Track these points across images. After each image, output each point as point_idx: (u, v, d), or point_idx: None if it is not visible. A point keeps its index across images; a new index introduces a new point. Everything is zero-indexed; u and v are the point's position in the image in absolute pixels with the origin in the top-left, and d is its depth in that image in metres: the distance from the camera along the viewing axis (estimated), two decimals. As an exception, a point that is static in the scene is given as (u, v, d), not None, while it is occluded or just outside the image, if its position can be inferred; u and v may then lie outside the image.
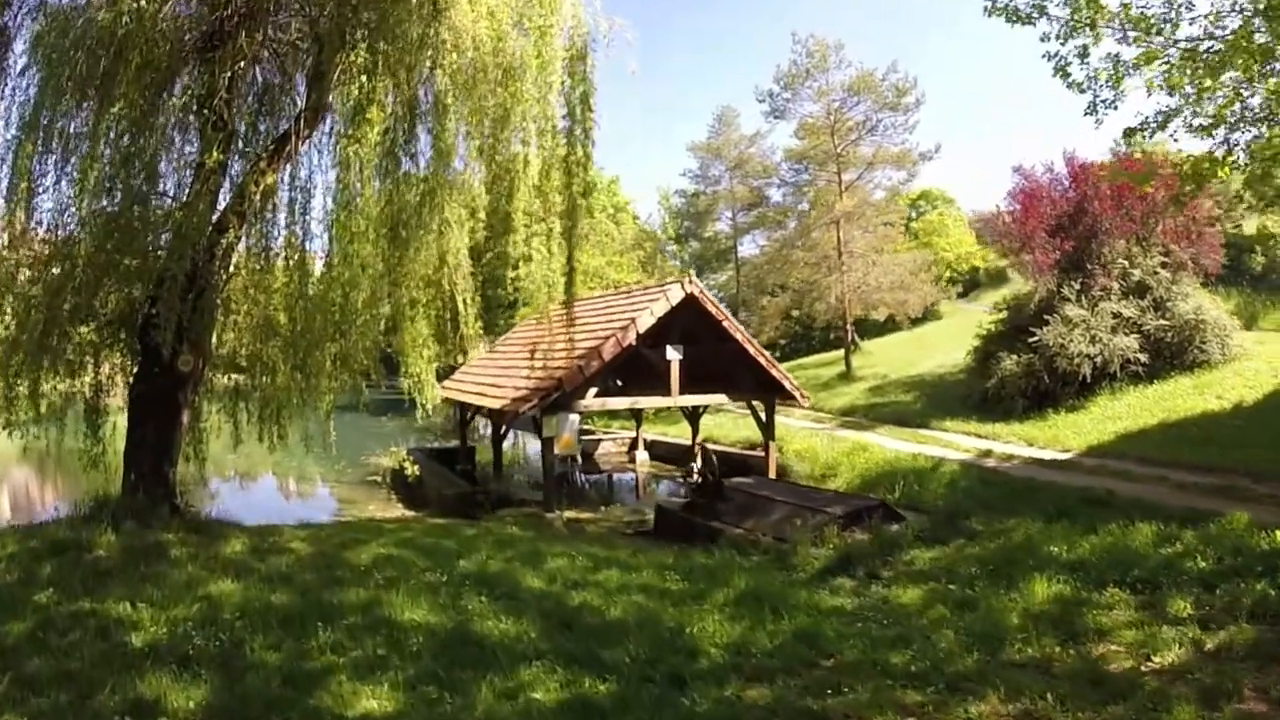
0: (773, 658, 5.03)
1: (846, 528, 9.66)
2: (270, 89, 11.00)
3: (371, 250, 9.58)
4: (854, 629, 5.72)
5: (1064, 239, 20.68)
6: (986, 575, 7.04)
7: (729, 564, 8.23)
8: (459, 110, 9.24)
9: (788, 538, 9.44)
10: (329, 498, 16.07)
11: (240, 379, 11.87)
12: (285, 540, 8.74)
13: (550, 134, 9.64)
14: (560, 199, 9.80)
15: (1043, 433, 16.67)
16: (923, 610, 6.29)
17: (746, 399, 15.12)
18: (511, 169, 9.42)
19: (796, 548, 8.96)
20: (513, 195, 9.37)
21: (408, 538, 9.15)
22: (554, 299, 10.41)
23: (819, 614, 6.09)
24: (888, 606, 6.58)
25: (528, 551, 8.53)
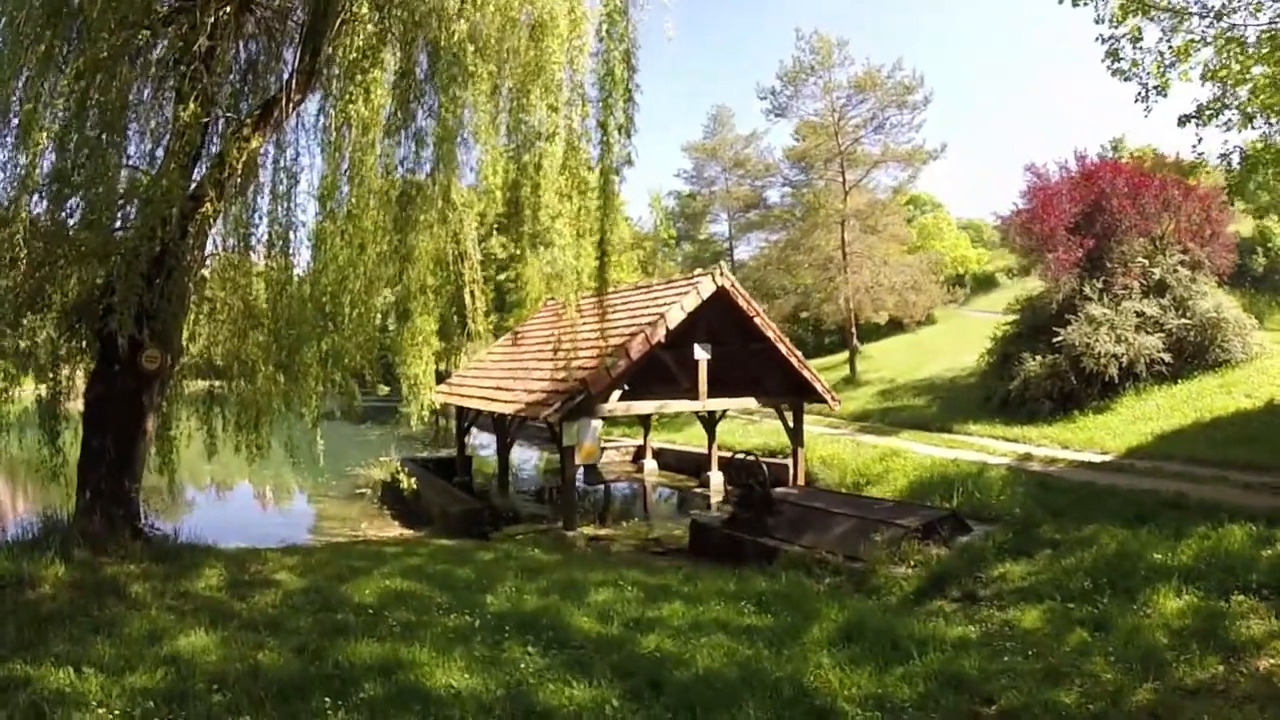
0: (925, 710, 4.24)
1: (920, 541, 8.65)
2: (256, 56, 9.65)
3: (372, 228, 8.27)
4: (996, 664, 4.99)
5: (1084, 237, 20.07)
6: (1100, 589, 6.58)
7: (803, 589, 7.21)
8: (477, 69, 7.99)
9: (860, 555, 8.33)
10: (314, 514, 14.55)
11: (216, 384, 10.44)
12: (269, 569, 7.34)
13: (580, 102, 8.47)
14: (592, 174, 8.56)
15: (1075, 435, 16.00)
16: (1056, 635, 5.76)
17: (775, 402, 13.94)
18: (536, 139, 8.16)
19: (874, 566, 7.94)
20: (539, 168, 8.10)
21: (415, 565, 7.80)
22: (583, 287, 9.15)
23: (947, 648, 5.27)
24: (1014, 632, 5.99)
25: (561, 581, 7.22)
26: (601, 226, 8.70)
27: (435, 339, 11.08)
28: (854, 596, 7.35)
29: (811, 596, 6.97)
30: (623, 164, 8.59)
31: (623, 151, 8.46)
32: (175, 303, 7.51)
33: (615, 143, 8.00)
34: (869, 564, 8.08)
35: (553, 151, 8.23)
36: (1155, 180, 20.46)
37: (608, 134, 8.02)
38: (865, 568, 8.08)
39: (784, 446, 17.84)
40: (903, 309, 28.54)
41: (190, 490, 18.14)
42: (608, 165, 8.56)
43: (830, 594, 7.31)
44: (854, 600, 7.05)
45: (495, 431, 14.19)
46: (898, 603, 7.29)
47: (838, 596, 7.19)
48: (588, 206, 8.62)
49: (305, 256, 9.27)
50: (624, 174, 8.50)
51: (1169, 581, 6.29)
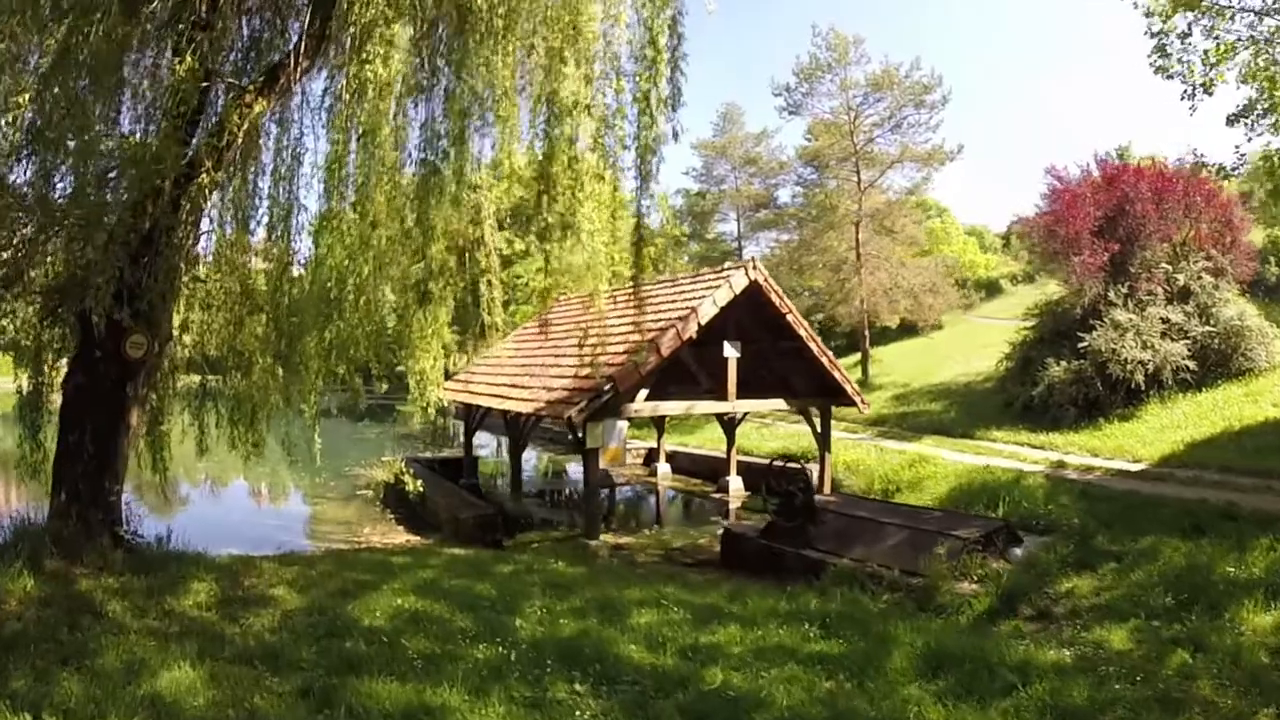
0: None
1: (974, 553, 8.04)
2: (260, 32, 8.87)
3: (385, 205, 7.48)
4: (1104, 693, 4.60)
5: (1108, 241, 19.63)
6: (1184, 606, 6.36)
7: (865, 609, 6.60)
8: (503, 33, 7.24)
9: (918, 569, 7.67)
10: (312, 516, 13.70)
11: (210, 379, 9.67)
12: (265, 583, 6.54)
13: (615, 76, 7.73)
14: (628, 151, 7.80)
15: (1104, 443, 15.54)
16: (1154, 656, 5.46)
17: (803, 405, 13.18)
18: (571, 110, 7.39)
19: (936, 582, 7.30)
20: (573, 142, 7.34)
21: (428, 579, 7.00)
22: (615, 276, 8.42)
23: (1045, 676, 4.80)
24: (1108, 655, 5.62)
25: (596, 600, 6.44)
26: (638, 209, 7.95)
27: (447, 330, 10.31)
28: (919, 616, 6.75)
29: (877, 617, 6.37)
30: (661, 141, 7.80)
31: (663, 128, 7.68)
32: (163, 282, 6.71)
33: (658, 116, 7.23)
34: (930, 579, 7.43)
35: (587, 125, 7.49)
36: (1179, 185, 19.98)
37: (650, 105, 7.25)
38: (926, 583, 7.44)
39: (804, 451, 17.14)
40: (917, 312, 27.89)
41: (183, 487, 17.30)
42: (645, 142, 7.78)
43: (892, 613, 6.70)
44: (923, 621, 6.43)
45: (507, 431, 13.38)
46: (970, 623, 6.71)
47: (903, 616, 6.58)
48: (622, 187, 7.89)
49: (307, 243, 8.53)
50: (661, 153, 7.69)
51: (1251, 596, 6.13)
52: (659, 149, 7.78)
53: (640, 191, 7.92)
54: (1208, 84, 13.48)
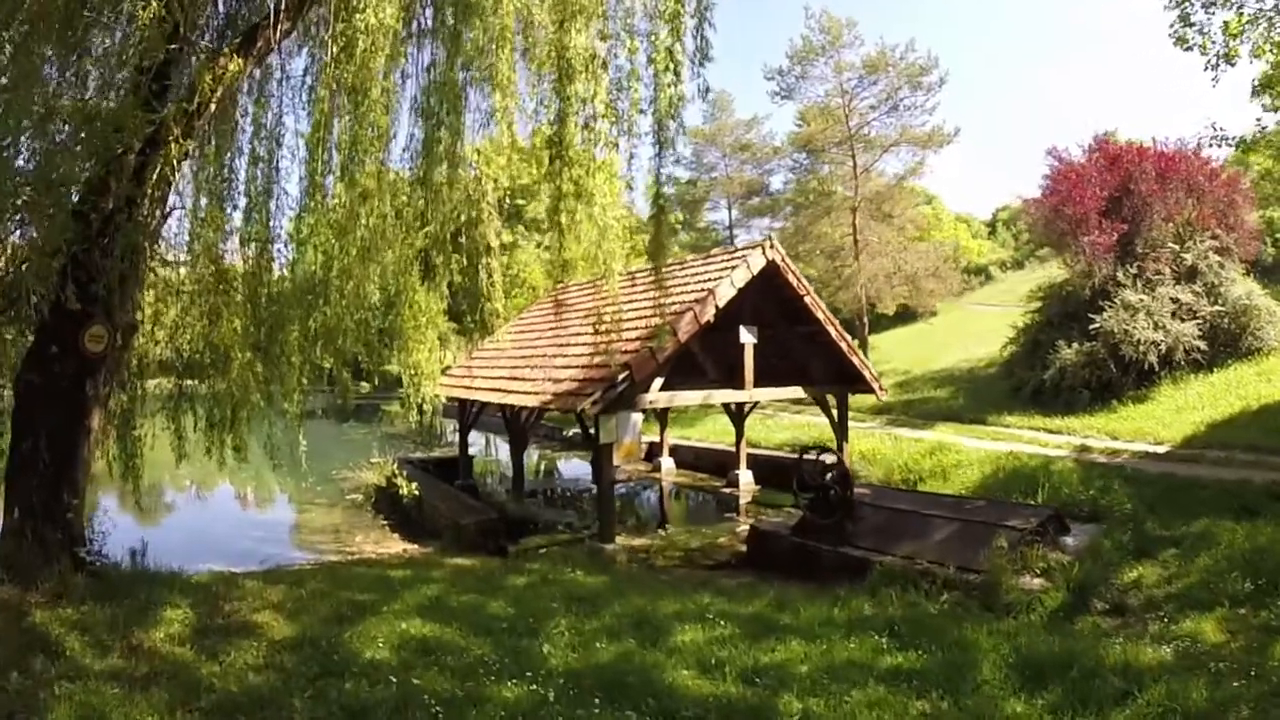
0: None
1: (1033, 544, 7.53)
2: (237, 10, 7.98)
3: (376, 175, 6.67)
4: (1221, 691, 4.23)
5: (1116, 221, 19.31)
6: (1266, 591, 6.06)
7: (923, 612, 6.10)
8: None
9: (975, 565, 7.08)
10: (299, 524, 12.81)
11: (187, 383, 8.81)
12: (248, 607, 5.73)
13: (628, 35, 6.99)
14: (645, 116, 7.03)
15: (1121, 425, 15.16)
16: (1255, 648, 5.12)
17: (819, 392, 12.52)
18: (585, 66, 6.61)
19: (998, 578, 6.70)
20: (586, 101, 6.56)
21: (434, 597, 6.21)
22: (621, 255, 7.65)
23: (1153, 678, 4.44)
24: (1205, 649, 5.26)
25: (627, 615, 5.70)
26: (657, 178, 7.18)
27: (442, 319, 9.47)
28: (985, 617, 6.17)
29: (945, 621, 5.77)
30: (681, 104, 7.02)
31: (685, 88, 6.89)
32: (125, 263, 5.85)
33: (683, 73, 6.46)
34: (991, 575, 6.82)
35: (600, 88, 6.73)
36: (1183, 164, 19.72)
37: (674, 62, 6.48)
38: (986, 580, 6.84)
39: (816, 441, 16.51)
40: (916, 298, 27.36)
41: (163, 494, 16.32)
42: (664, 106, 7.02)
43: (957, 616, 6.11)
44: (994, 623, 5.87)
45: (507, 428, 12.56)
46: (1044, 622, 6.15)
47: (970, 618, 5.99)
48: (638, 155, 7.11)
49: (288, 227, 7.67)
50: (682, 119, 6.90)
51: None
52: (679, 114, 7.01)
53: (659, 159, 7.18)
54: (1230, 54, 13.25)
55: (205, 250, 6.70)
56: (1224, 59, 13.46)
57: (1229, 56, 13.45)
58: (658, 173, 7.24)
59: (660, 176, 7.21)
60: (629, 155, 7.08)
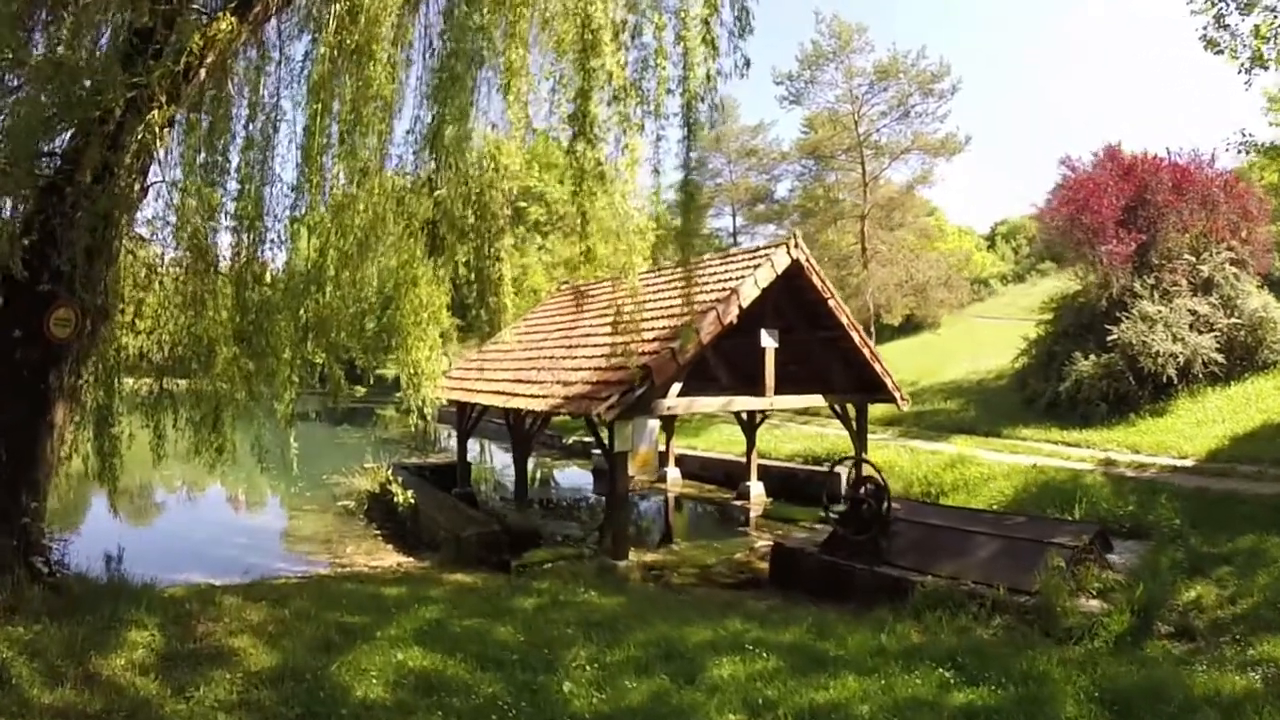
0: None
1: (1086, 563, 7.02)
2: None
3: (379, 149, 6.08)
4: None
5: (1133, 231, 18.99)
6: None
7: (978, 639, 5.62)
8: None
9: (1025, 585, 6.57)
10: (286, 531, 12.07)
11: (170, 381, 8.17)
12: (225, 629, 5.07)
13: (655, 11, 6.48)
14: (672, 97, 6.49)
15: (1142, 438, 14.75)
16: None
17: (839, 400, 11.93)
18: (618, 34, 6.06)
19: (1054, 600, 6.20)
20: (612, 75, 6.00)
21: (434, 620, 5.54)
22: (642, 247, 7.07)
23: (1252, 709, 4.09)
24: None
25: (653, 644, 5.05)
26: (686, 162, 6.61)
27: (445, 314, 8.80)
28: (1045, 642, 5.70)
29: (1009, 650, 5.26)
30: (713, 84, 6.44)
31: (712, 66, 6.32)
32: (99, 239, 5.22)
33: (721, 47, 5.89)
34: (1045, 597, 6.28)
35: (619, 70, 6.18)
36: (1199, 175, 19.46)
37: (711, 33, 5.92)
38: (1041, 602, 6.29)
39: (829, 452, 15.93)
40: (924, 308, 26.85)
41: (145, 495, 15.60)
42: (694, 85, 6.46)
43: (1016, 642, 5.62)
44: (1062, 651, 5.35)
45: (511, 434, 11.88)
46: (1110, 648, 5.66)
47: (1031, 645, 5.49)
48: (667, 136, 6.54)
49: (279, 203, 7.04)
50: (716, 97, 6.32)
51: None
52: (712, 93, 6.44)
53: (688, 142, 6.63)
54: (1260, 58, 13.09)
55: (189, 230, 6.05)
56: (1255, 62, 13.26)
57: (1260, 60, 13.25)
58: (686, 156, 6.71)
59: (690, 160, 6.68)
60: (655, 137, 6.55)
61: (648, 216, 7.44)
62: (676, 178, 6.84)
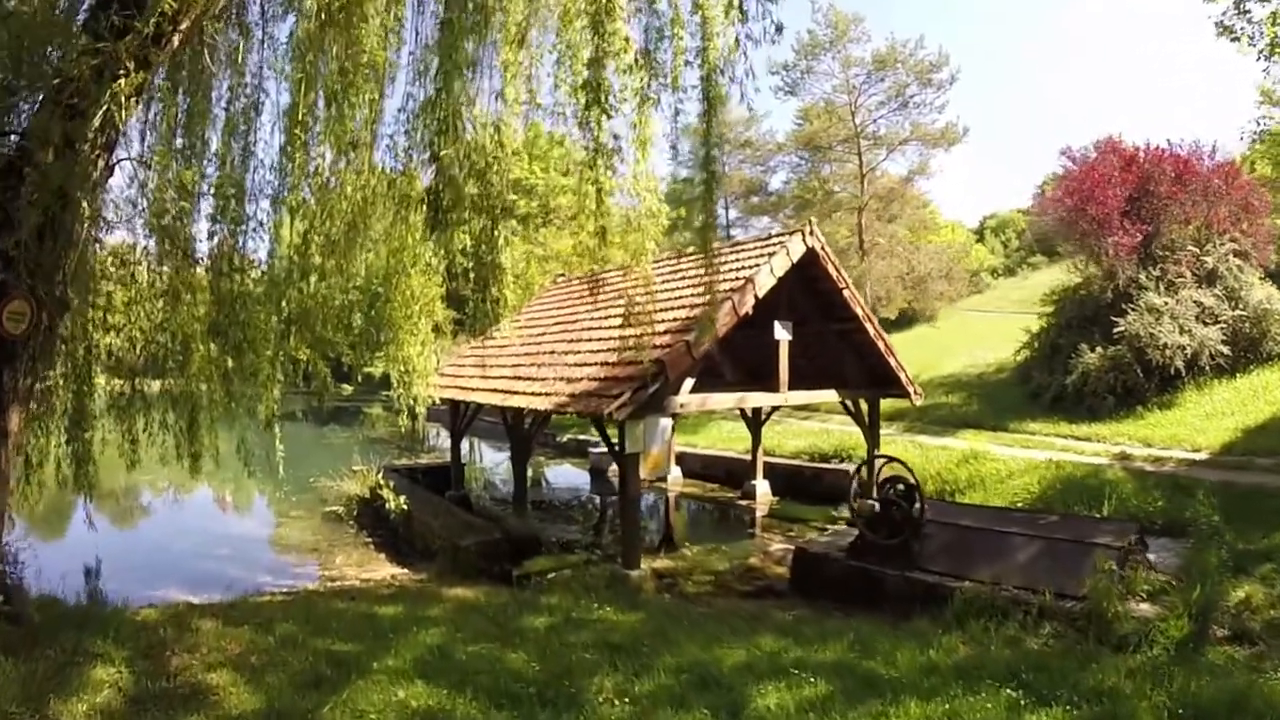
0: None
1: (1135, 565, 6.70)
2: None
3: (371, 119, 5.51)
4: None
5: (1137, 223, 18.79)
6: None
7: (1023, 647, 5.33)
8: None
9: (1071, 589, 6.18)
10: (271, 540, 11.41)
11: (144, 382, 7.58)
12: (202, 662, 4.49)
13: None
14: (692, 68, 5.95)
15: (1153, 431, 14.56)
16: None
17: (852, 396, 11.46)
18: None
19: (1105, 605, 5.78)
20: (629, 40, 5.44)
21: (436, 647, 4.97)
22: (655, 233, 6.56)
23: None
24: None
25: (686, 671, 4.53)
26: (706, 139, 6.06)
27: (439, 307, 8.21)
28: (1102, 651, 5.34)
29: (1071, 662, 4.87)
30: (732, 54, 5.89)
31: (731, 35, 5.76)
32: (55, 220, 4.60)
33: (749, 9, 5.34)
34: (1094, 602, 5.87)
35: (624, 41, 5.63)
36: (1201, 167, 19.29)
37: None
38: (1091, 608, 5.88)
39: (836, 449, 15.51)
40: (921, 301, 26.50)
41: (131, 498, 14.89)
42: (713, 58, 5.91)
43: (1074, 653, 5.25)
44: (1117, 659, 5.04)
45: (509, 434, 11.27)
46: (1170, 656, 5.25)
47: (1090, 656, 5.13)
48: (685, 110, 5.99)
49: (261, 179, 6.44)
50: (742, 65, 5.77)
51: None
52: (734, 63, 5.88)
53: (709, 119, 6.09)
54: (1277, 45, 13.08)
55: (159, 211, 5.43)
56: (1274, 50, 13.17)
57: (1277, 48, 13.17)
58: (707, 132, 6.17)
59: (711, 137, 6.14)
60: (674, 111, 6.00)
61: (660, 198, 6.83)
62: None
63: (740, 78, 5.55)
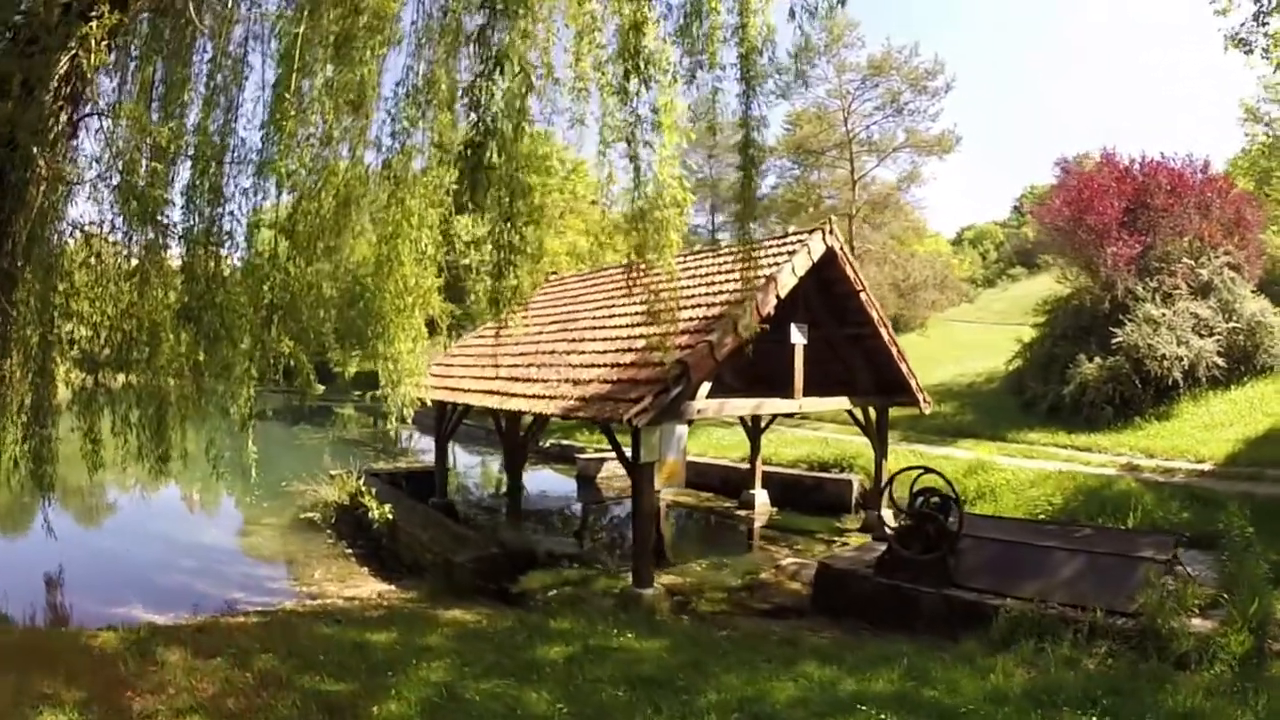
0: None
1: (1186, 579, 6.47)
2: None
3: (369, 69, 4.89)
4: None
5: (1135, 234, 18.84)
6: None
7: (1080, 668, 4.92)
8: None
9: (1119, 606, 5.87)
10: (243, 551, 10.52)
11: (108, 378, 6.82)
12: (169, 706, 3.79)
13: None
14: (729, 45, 5.47)
15: (1154, 442, 14.41)
16: None
17: (863, 403, 11.03)
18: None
19: (1162, 621, 5.47)
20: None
21: (443, 684, 4.31)
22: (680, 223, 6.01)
23: None
24: None
25: (732, 708, 3.96)
26: (745, 121, 5.55)
27: (436, 298, 7.47)
28: (1165, 670, 5.02)
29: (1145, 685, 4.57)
30: (769, 34, 5.42)
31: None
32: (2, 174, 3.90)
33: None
34: (1149, 619, 5.55)
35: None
36: (1195, 180, 19.43)
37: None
38: (1146, 624, 5.54)
39: (837, 458, 15.04)
40: (910, 310, 26.34)
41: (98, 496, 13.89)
42: (752, 36, 5.43)
43: (1143, 674, 4.91)
44: (1184, 678, 4.77)
45: (503, 439, 10.57)
46: (1235, 676, 4.89)
47: (1154, 677, 4.82)
48: (724, 89, 5.48)
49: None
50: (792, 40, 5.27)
51: None
52: (770, 45, 5.41)
53: (747, 98, 5.58)
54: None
55: (131, 172, 4.72)
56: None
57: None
58: (746, 114, 5.66)
59: (751, 119, 5.62)
60: (713, 89, 5.47)
61: (684, 187, 6.24)
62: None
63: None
